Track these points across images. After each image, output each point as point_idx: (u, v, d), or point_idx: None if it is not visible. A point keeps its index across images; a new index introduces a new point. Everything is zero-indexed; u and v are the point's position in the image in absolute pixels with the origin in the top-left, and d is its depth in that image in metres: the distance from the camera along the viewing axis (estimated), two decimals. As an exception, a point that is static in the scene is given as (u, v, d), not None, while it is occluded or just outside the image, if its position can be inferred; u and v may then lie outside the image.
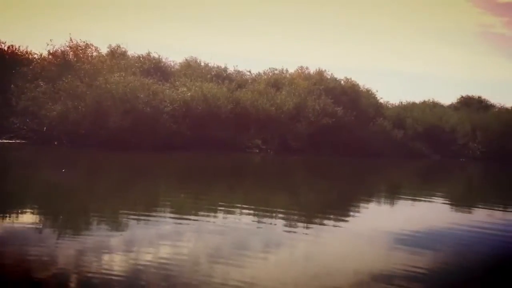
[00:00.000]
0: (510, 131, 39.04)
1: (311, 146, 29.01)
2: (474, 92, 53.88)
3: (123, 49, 31.34)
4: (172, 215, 9.59)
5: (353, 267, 6.62)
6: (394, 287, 5.76)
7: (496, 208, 13.99)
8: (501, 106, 44.60)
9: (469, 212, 13.13)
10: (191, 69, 33.55)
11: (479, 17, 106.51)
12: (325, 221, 10.13)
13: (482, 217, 12.02)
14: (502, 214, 13.09)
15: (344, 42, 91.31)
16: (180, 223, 8.83)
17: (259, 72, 37.97)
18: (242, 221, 9.53)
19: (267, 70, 37.90)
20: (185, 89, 27.97)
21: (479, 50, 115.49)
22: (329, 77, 36.20)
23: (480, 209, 13.83)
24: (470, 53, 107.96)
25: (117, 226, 8.38)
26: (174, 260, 6.28)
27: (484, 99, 49.59)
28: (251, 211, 10.63)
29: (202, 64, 35.22)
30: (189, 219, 9.25)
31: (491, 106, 47.20)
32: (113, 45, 31.20)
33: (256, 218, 9.82)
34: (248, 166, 23.58)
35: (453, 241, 8.80)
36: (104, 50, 30.08)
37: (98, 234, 7.51)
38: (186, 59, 34.98)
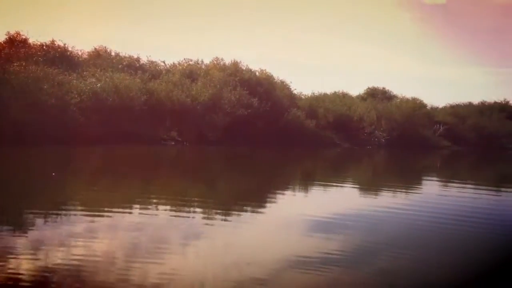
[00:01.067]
0: (410, 119, 42.43)
1: (227, 137, 29.13)
2: (379, 83, 57.61)
3: (24, 37, 28.94)
4: (84, 212, 9.06)
5: (271, 255, 6.75)
6: (311, 272, 5.96)
7: (399, 190, 15.18)
8: (403, 97, 48.23)
9: (376, 195, 14.05)
10: (101, 59, 31.94)
11: (386, 12, 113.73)
12: (243, 211, 10.22)
13: (388, 199, 12.94)
14: (404, 195, 14.19)
15: (258, 34, 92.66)
16: (93, 220, 8.38)
17: (173, 63, 37.25)
18: (159, 214, 9.29)
19: (182, 61, 37.28)
20: (94, 79, 26.57)
21: (385, 45, 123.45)
22: (244, 68, 36.48)
23: (385, 191, 14.87)
24: (376, 48, 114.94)
25: (21, 226, 7.73)
26: (88, 260, 5.93)
27: (388, 90, 53.33)
28: (169, 204, 10.41)
29: (113, 53, 33.72)
30: (103, 215, 8.82)
31: (394, 96, 50.85)
32: (12, 32, 28.73)
33: (173, 211, 9.63)
34: (164, 159, 23.08)
35: (363, 223, 9.32)
36: (1, 38, 27.69)
37: (-2, 237, 6.86)
38: (96, 48, 33.24)
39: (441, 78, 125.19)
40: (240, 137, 29.67)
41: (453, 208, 11.83)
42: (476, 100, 59.55)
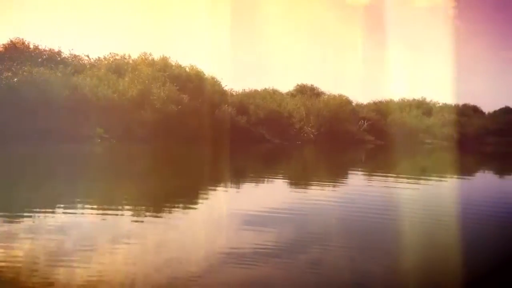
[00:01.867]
0: (337, 115, 44.14)
1: (157, 134, 28.47)
2: (308, 80, 59.20)
3: None
4: (1, 214, 8.37)
5: (204, 251, 6.65)
6: (245, 265, 5.94)
7: (327, 183, 15.68)
8: (330, 94, 50.03)
9: (306, 188, 14.38)
10: (18, 51, 29.81)
11: (315, 11, 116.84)
12: (174, 209, 9.99)
13: (317, 192, 13.32)
14: (332, 187, 14.67)
15: (189, 29, 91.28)
16: (11, 222, 7.76)
17: (98, 57, 35.69)
18: (85, 215, 8.81)
19: (107, 55, 35.85)
20: (10, 74, 24.71)
21: (314, 41, 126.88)
22: (174, 64, 35.82)
23: (315, 185, 15.29)
24: (306, 44, 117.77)
25: None
26: (7, 266, 5.47)
27: (316, 87, 55.00)
28: (95, 204, 9.91)
29: (31, 46, 31.60)
30: (23, 218, 8.20)
31: (322, 93, 52.56)
32: None
33: (100, 211, 9.18)
34: (89, 157, 22.02)
35: (294, 216, 9.48)
36: None
37: None
38: (11, 40, 30.95)
39: (366, 75, 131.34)
40: (171, 133, 29.11)
41: (378, 198, 12.44)
42: (396, 97, 63.25)
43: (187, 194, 12.28)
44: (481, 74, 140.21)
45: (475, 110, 70.58)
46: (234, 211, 9.67)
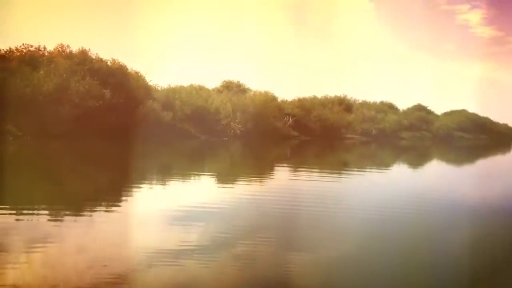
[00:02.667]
0: (263, 111, 44.76)
1: (76, 131, 27.04)
2: (235, 77, 59.52)
3: None
4: None
5: (129, 252, 6.40)
6: (171, 265, 5.80)
7: (254, 178, 15.84)
8: (256, 90, 50.61)
9: (233, 184, 14.41)
10: None
11: (238, 8, 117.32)
12: (96, 209, 9.52)
13: (244, 187, 13.39)
14: (259, 182, 14.84)
15: (111, 23, 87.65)
16: None
17: (10, 48, 33.10)
18: (-5, 219, 8.11)
19: (20, 46, 33.34)
20: None
21: (240, 39, 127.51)
22: (94, 57, 34.18)
23: (242, 180, 15.37)
24: (233, 41, 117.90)
25: None
26: None
27: (242, 83, 55.38)
28: (8, 206, 9.17)
29: None
30: None
31: (248, 89, 53.03)
32: None
33: (13, 214, 8.50)
34: (0, 156, 20.36)
35: (222, 212, 9.44)
36: None
37: None
38: None
39: (291, 72, 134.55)
40: (91, 130, 27.78)
41: (302, 192, 12.79)
42: (319, 94, 65.58)
43: (109, 193, 11.77)
44: (396, 73, 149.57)
45: (391, 107, 75.17)
46: (159, 209, 9.42)
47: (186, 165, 20.19)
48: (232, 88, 53.16)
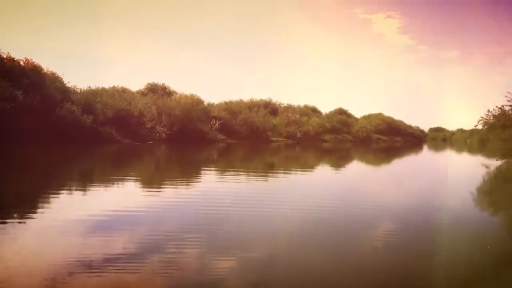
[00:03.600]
0: (189, 115, 44.22)
1: (-15, 135, 24.83)
2: (160, 79, 58.26)
3: None
4: None
5: (48, 263, 5.92)
6: (95, 274, 5.46)
7: (180, 182, 15.54)
8: (182, 93, 49.92)
9: (159, 188, 13.99)
10: None
11: (160, 8, 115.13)
12: (10, 218, 8.74)
13: (170, 191, 13.07)
14: (186, 186, 14.56)
15: (25, 21, 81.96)
16: None
17: None
18: None
19: None
20: None
21: (165, 41, 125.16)
22: (5, 56, 31.75)
23: (168, 184, 14.99)
24: (160, 44, 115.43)
25: None
26: None
27: (168, 86, 54.40)
28: None
29: None
30: None
31: (174, 92, 52.18)
32: None
33: None
34: None
35: (148, 217, 9.11)
36: None
37: None
38: None
39: (217, 75, 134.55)
40: (2, 133, 25.69)
41: (230, 193, 12.75)
42: (246, 97, 66.26)
43: (24, 201, 10.87)
44: (319, 78, 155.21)
45: (314, 110, 77.90)
46: (80, 216, 8.87)
47: (109, 170, 19.31)
48: (157, 91, 52.00)
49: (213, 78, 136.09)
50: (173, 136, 41.95)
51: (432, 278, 6.14)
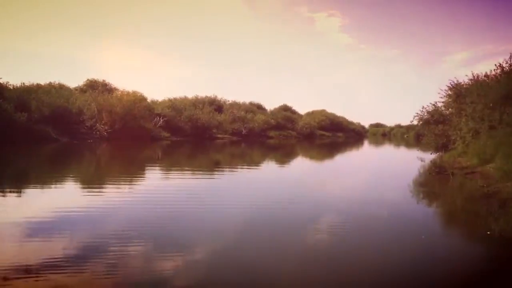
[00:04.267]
0: (131, 112, 43.03)
1: None
2: (99, 75, 56.21)
3: None
4: None
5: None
6: (32, 280, 5.18)
7: (123, 182, 15.07)
8: (123, 89, 48.42)
9: (101, 189, 13.51)
10: None
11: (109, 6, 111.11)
12: None
13: (113, 191, 12.65)
14: (129, 185, 14.16)
15: None
16: None
17: None
18: None
19: None
20: None
21: (107, 37, 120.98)
22: None
23: (110, 184, 14.51)
24: (98, 39, 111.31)
25: None
26: None
27: (109, 82, 52.61)
28: None
29: None
30: None
31: (115, 89, 50.57)
32: None
33: None
34: None
35: (89, 219, 8.78)
36: None
37: None
38: None
39: (163, 72, 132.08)
40: None
41: (175, 191, 12.57)
42: (190, 94, 65.54)
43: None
44: (264, 75, 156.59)
45: (259, 107, 78.47)
46: (15, 219, 8.38)
47: (46, 171, 18.37)
48: (97, 87, 50.17)
49: (158, 75, 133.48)
50: (115, 134, 40.67)
51: (369, 268, 6.37)
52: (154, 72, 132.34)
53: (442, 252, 7.31)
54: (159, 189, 13.18)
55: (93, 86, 50.92)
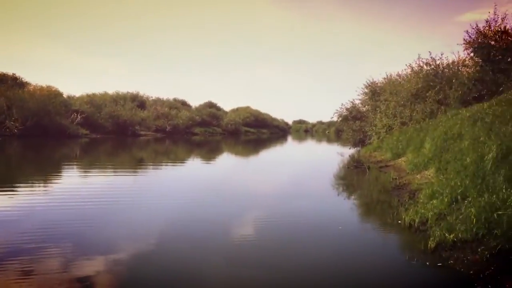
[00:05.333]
0: (45, 108, 40.42)
1: None
2: (10, 69, 52.11)
3: None
4: None
5: None
6: None
7: (38, 183, 14.13)
8: (36, 84, 45.31)
9: (11, 191, 12.54)
10: None
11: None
12: None
13: (26, 193, 11.81)
14: (42, 186, 13.30)
15: None
16: None
17: None
18: None
19: None
20: None
21: (18, 27, 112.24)
22: None
23: (23, 186, 13.52)
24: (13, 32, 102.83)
25: None
26: None
27: (20, 76, 48.95)
28: None
29: None
30: None
31: (27, 83, 47.20)
32: None
33: None
34: None
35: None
36: None
37: None
38: None
39: (77, 67, 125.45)
40: None
41: (95, 190, 12.03)
42: (110, 90, 62.99)
43: None
44: (188, 72, 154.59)
45: (184, 103, 77.50)
46: None
47: None
48: (6, 81, 46.48)
49: (73, 70, 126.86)
50: (28, 132, 37.98)
51: (288, 258, 6.54)
52: (70, 67, 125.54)
53: (356, 241, 7.69)
54: (75, 189, 12.51)
55: (1, 80, 47.10)
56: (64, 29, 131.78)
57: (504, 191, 7.33)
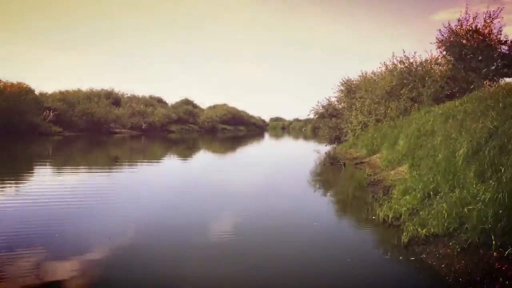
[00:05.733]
0: (16, 105, 39.39)
1: None
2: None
3: None
4: None
5: None
6: None
7: (6, 182, 13.74)
8: (7, 81, 43.98)
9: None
10: None
11: None
12: None
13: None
14: (14, 185, 12.95)
15: None
16: None
17: None
18: None
19: None
20: None
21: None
22: None
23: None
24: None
25: None
26: None
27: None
28: None
29: None
30: None
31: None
32: None
33: None
34: None
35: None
36: None
37: None
38: None
39: (51, 63, 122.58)
40: None
41: (68, 189, 11.79)
42: (84, 87, 61.80)
43: None
44: (164, 68, 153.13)
45: (160, 101, 76.66)
46: None
47: None
48: (-26, 78, 45.03)
49: (46, 67, 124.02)
50: (-2, 130, 36.94)
51: (264, 256, 6.55)
52: (42, 64, 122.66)
53: (331, 237, 7.76)
54: (46, 189, 12.21)
55: (-31, 76, 45.62)
56: (37, 26, 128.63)
57: (474, 186, 7.50)
